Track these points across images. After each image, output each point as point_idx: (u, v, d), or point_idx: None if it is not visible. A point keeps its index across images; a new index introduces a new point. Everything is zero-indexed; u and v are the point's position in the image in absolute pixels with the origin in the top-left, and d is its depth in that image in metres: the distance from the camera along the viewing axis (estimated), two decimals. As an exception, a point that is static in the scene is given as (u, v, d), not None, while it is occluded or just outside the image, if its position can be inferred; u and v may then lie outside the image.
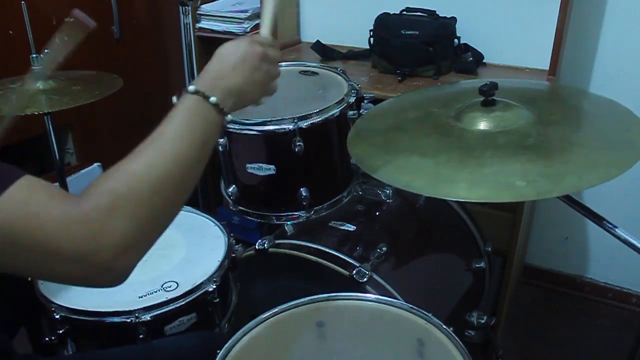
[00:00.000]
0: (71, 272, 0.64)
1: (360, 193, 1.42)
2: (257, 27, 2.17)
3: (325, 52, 2.07)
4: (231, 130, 1.22)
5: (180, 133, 0.74)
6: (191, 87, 0.78)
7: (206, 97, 0.77)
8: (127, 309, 1.10)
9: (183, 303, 1.15)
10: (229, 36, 2.19)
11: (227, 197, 1.34)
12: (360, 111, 1.31)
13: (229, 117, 0.80)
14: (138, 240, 0.67)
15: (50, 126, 1.61)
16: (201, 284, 1.18)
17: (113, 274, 0.66)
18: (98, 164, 2.23)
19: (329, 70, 1.45)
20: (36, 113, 1.43)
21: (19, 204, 0.62)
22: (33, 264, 0.64)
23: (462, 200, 0.90)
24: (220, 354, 0.94)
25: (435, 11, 1.90)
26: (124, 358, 1.04)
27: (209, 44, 2.30)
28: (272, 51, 0.87)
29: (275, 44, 0.89)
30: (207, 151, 0.76)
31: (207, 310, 1.20)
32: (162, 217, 0.71)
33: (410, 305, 1.03)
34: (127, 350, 1.06)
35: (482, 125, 1.02)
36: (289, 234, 1.40)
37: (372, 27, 1.95)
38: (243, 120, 1.21)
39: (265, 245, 1.32)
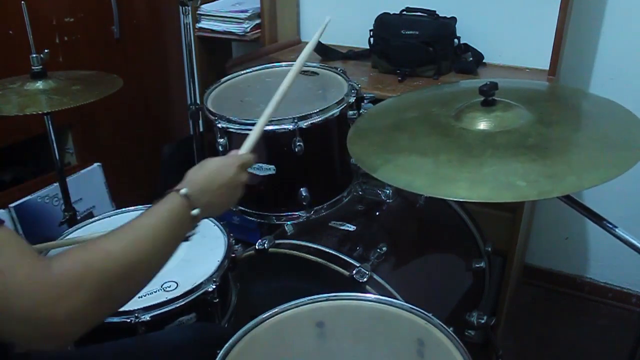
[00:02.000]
0: (16, 331, 0.64)
1: (360, 193, 1.42)
2: (257, 27, 2.17)
3: (325, 52, 2.07)
4: (231, 130, 1.22)
5: (159, 228, 0.78)
6: (183, 191, 0.84)
7: (191, 207, 0.83)
8: (126, 309, 1.10)
9: (183, 303, 1.15)
10: (229, 36, 2.19)
11: (227, 197, 1.34)
12: (360, 111, 1.31)
13: (195, 230, 0.87)
14: (93, 314, 0.68)
15: (50, 126, 1.61)
16: (201, 284, 1.18)
17: (58, 341, 0.67)
18: (98, 164, 2.23)
19: (329, 70, 1.45)
20: (36, 113, 1.43)
21: None
22: None
23: (462, 200, 0.90)
24: (220, 354, 0.94)
25: (435, 11, 1.90)
26: (121, 351, 1.04)
27: (209, 44, 2.30)
28: (249, 177, 0.96)
29: (253, 162, 0.98)
30: (173, 251, 0.81)
31: (207, 310, 1.20)
32: (121, 300, 0.75)
33: (410, 305, 1.03)
34: (124, 344, 1.06)
35: (482, 125, 1.02)
36: (289, 234, 1.40)
37: (372, 27, 1.95)
38: (243, 120, 1.21)
39: (265, 245, 1.32)
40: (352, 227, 1.40)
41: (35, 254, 0.66)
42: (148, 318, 1.10)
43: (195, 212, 0.83)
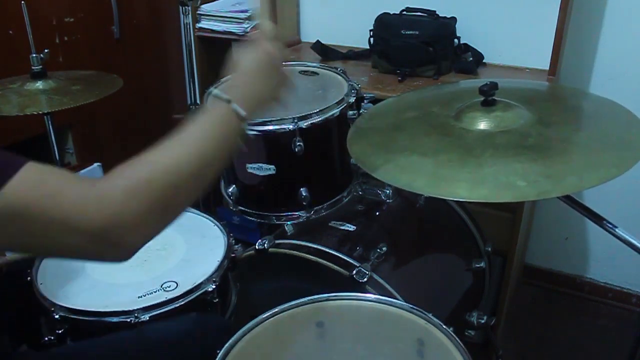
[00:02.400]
0: (82, 247, 0.67)
1: (360, 193, 1.42)
2: (257, 27, 2.17)
3: (325, 52, 2.07)
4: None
5: (204, 133, 0.78)
6: (215, 92, 0.82)
7: (229, 103, 0.81)
8: (126, 309, 1.10)
9: (182, 303, 1.14)
10: (229, 36, 2.19)
11: (227, 197, 1.34)
12: (360, 111, 1.31)
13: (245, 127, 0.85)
14: (149, 225, 0.70)
15: (50, 126, 1.61)
16: (200, 284, 1.18)
17: (121, 251, 0.69)
18: (98, 164, 2.22)
19: (329, 70, 1.45)
20: (36, 113, 1.43)
21: (31, 187, 0.64)
22: (46, 241, 0.66)
23: (463, 200, 0.90)
24: (220, 354, 0.94)
25: (435, 11, 1.90)
26: (117, 345, 1.04)
27: (209, 44, 2.30)
28: (279, 51, 0.91)
29: (280, 37, 0.93)
30: (226, 153, 0.81)
31: (207, 310, 1.20)
32: (175, 208, 0.75)
33: (410, 305, 1.03)
34: (120, 337, 1.07)
35: (482, 125, 1.02)
36: (289, 234, 1.40)
37: (372, 27, 1.95)
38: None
39: (265, 245, 1.31)
40: (352, 227, 1.40)
41: (79, 176, 0.70)
42: (148, 318, 1.10)
43: (235, 106, 0.81)
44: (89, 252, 0.69)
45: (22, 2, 1.45)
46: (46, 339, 1.13)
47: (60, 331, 1.11)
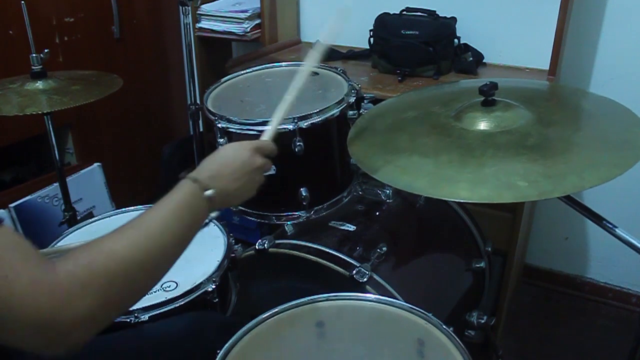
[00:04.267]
0: (24, 339, 0.63)
1: (360, 193, 1.42)
2: (257, 27, 2.17)
3: (325, 52, 2.07)
4: (231, 130, 1.22)
5: (166, 222, 0.74)
6: (192, 175, 0.81)
7: (203, 189, 0.80)
8: (126, 309, 1.10)
9: (182, 303, 1.14)
10: (229, 36, 2.19)
11: (227, 197, 1.34)
12: (360, 111, 1.31)
13: (212, 214, 0.83)
14: (99, 318, 0.67)
15: (50, 126, 1.61)
16: (200, 284, 1.18)
17: (65, 346, 0.65)
18: (98, 164, 2.23)
19: (329, 70, 1.45)
20: (36, 113, 1.43)
21: None
22: None
23: (463, 200, 0.90)
24: (220, 354, 0.94)
25: (435, 11, 1.90)
26: (116, 342, 1.04)
27: (209, 44, 2.30)
28: (268, 163, 0.93)
29: (274, 154, 0.95)
30: (186, 243, 0.77)
31: (207, 310, 1.20)
32: (129, 299, 0.72)
33: (410, 305, 1.03)
34: (118, 336, 1.06)
35: (482, 125, 1.02)
36: (289, 234, 1.40)
37: (372, 27, 1.95)
38: (243, 120, 1.21)
39: (265, 245, 1.31)
40: (352, 227, 1.40)
41: (38, 256, 0.64)
42: (147, 318, 1.10)
43: (208, 193, 0.80)
44: (30, 344, 0.64)
45: (22, 2, 1.45)
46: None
47: (60, 331, 1.11)
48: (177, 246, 0.76)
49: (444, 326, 0.98)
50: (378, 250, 1.31)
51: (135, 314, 1.09)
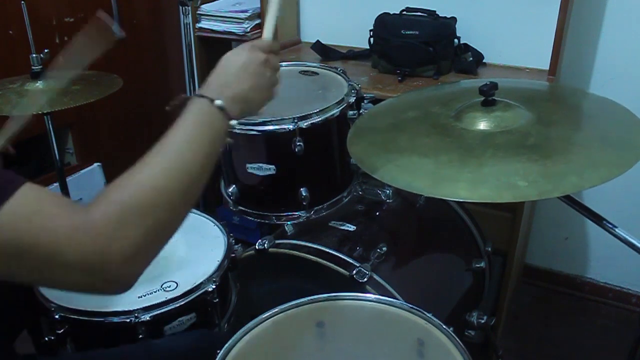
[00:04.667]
0: (79, 281, 0.65)
1: (360, 193, 1.42)
2: (257, 27, 2.17)
3: (325, 52, 2.07)
4: (231, 130, 1.22)
5: (187, 142, 0.74)
6: (198, 92, 0.79)
7: (212, 101, 0.78)
8: (126, 309, 1.10)
9: (182, 303, 1.14)
10: (229, 36, 2.19)
11: (227, 197, 1.34)
12: (360, 111, 1.31)
13: (234, 122, 0.81)
14: (145, 250, 0.68)
15: (50, 126, 1.61)
16: (200, 284, 1.18)
17: (120, 283, 0.67)
18: (98, 164, 2.23)
19: (329, 70, 1.45)
20: (36, 113, 1.43)
21: (25, 216, 0.61)
22: (41, 274, 0.64)
23: (463, 200, 0.90)
24: (220, 354, 0.94)
25: (435, 11, 1.90)
26: (123, 357, 1.04)
27: (209, 44, 2.30)
28: (272, 57, 0.88)
29: (276, 48, 0.90)
30: (212, 160, 0.77)
31: (207, 310, 1.20)
32: (168, 227, 0.72)
33: (410, 305, 1.03)
34: (126, 350, 1.06)
35: (482, 125, 1.02)
36: (289, 234, 1.40)
37: (372, 27, 1.95)
38: (243, 121, 1.21)
39: (265, 245, 1.32)
40: (352, 227, 1.40)
41: (71, 203, 0.66)
42: (148, 318, 1.10)
43: (219, 102, 0.77)
44: (86, 286, 0.66)
45: (22, 2, 1.45)
46: (46, 339, 1.13)
47: (60, 331, 1.11)
48: (203, 165, 0.75)
49: (444, 326, 0.98)
50: (378, 250, 1.31)
51: (136, 314, 1.09)
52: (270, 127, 1.20)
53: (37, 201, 0.63)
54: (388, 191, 1.48)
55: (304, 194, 1.25)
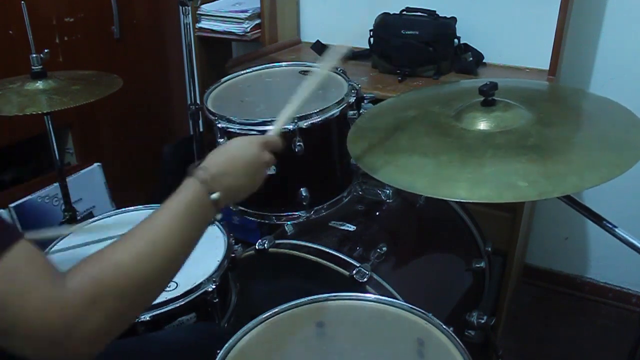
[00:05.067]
0: (36, 352, 0.63)
1: (360, 193, 1.42)
2: (257, 27, 2.17)
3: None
4: (231, 130, 1.22)
5: (174, 228, 0.73)
6: (199, 173, 0.78)
7: (209, 192, 0.78)
8: (126, 309, 1.10)
9: (182, 303, 1.15)
10: (229, 36, 2.19)
11: (227, 197, 1.34)
12: (360, 111, 1.31)
13: (217, 216, 0.82)
14: (110, 333, 0.67)
15: (50, 126, 1.61)
16: (200, 283, 1.18)
17: (76, 358, 0.66)
18: (98, 164, 2.23)
19: (329, 70, 1.45)
20: (36, 113, 1.43)
21: (7, 277, 0.61)
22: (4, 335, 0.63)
23: (463, 200, 0.90)
24: (220, 354, 0.94)
25: (435, 11, 1.90)
26: (122, 350, 1.04)
27: (209, 44, 2.30)
28: (273, 159, 0.91)
29: (279, 149, 0.93)
30: (193, 246, 0.77)
31: (207, 310, 1.20)
32: (138, 310, 0.73)
33: (410, 305, 1.03)
34: (125, 343, 1.06)
35: (482, 125, 1.02)
36: (289, 234, 1.40)
37: (372, 27, 1.95)
38: (243, 120, 1.21)
39: (265, 245, 1.31)
40: (352, 227, 1.40)
41: (52, 271, 0.64)
42: (148, 318, 1.10)
43: (214, 196, 0.77)
44: (43, 355, 0.64)
45: (22, 2, 1.45)
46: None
47: (60, 331, 1.11)
48: (184, 251, 0.75)
49: (444, 326, 0.98)
50: (378, 250, 1.31)
51: (135, 314, 1.09)
52: (270, 127, 1.19)
53: (21, 264, 0.62)
54: (388, 191, 1.47)
55: (304, 194, 1.25)
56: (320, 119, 1.22)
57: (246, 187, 0.87)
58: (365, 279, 1.21)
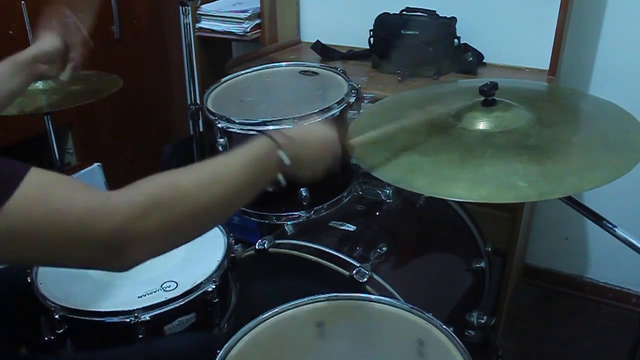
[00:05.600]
0: (85, 256, 0.65)
1: (360, 193, 1.42)
2: (257, 27, 2.17)
3: (325, 52, 2.07)
4: (231, 130, 1.22)
5: (240, 169, 0.76)
6: (272, 133, 0.82)
7: (278, 147, 0.81)
8: (126, 309, 1.10)
9: (182, 303, 1.14)
10: (229, 36, 2.19)
11: (227, 197, 1.34)
12: (360, 111, 1.31)
13: (281, 178, 0.83)
14: (158, 245, 0.69)
15: (50, 126, 1.61)
16: (200, 283, 1.18)
17: (125, 262, 0.68)
18: (98, 164, 2.23)
19: (329, 70, 1.45)
20: (36, 113, 1.43)
21: (38, 201, 0.61)
22: (48, 254, 0.64)
23: (463, 200, 0.90)
24: (220, 354, 0.94)
25: (435, 11, 1.90)
26: (124, 358, 1.04)
27: (209, 44, 2.30)
28: (338, 156, 0.93)
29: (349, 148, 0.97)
30: (254, 194, 0.79)
31: (207, 310, 1.20)
32: (188, 234, 0.73)
33: (410, 305, 1.03)
34: (127, 350, 1.06)
35: (482, 125, 1.02)
36: (289, 234, 1.40)
37: (372, 27, 1.95)
38: (243, 120, 1.21)
39: (265, 245, 1.31)
40: (352, 227, 1.40)
41: (90, 187, 0.66)
42: (148, 318, 1.10)
43: (282, 153, 0.80)
44: (92, 261, 0.67)
45: (22, 2, 1.45)
46: (46, 338, 1.13)
47: (60, 331, 1.11)
48: (243, 196, 0.77)
49: (444, 326, 0.98)
50: (378, 250, 1.31)
51: (135, 314, 1.09)
52: (270, 127, 1.20)
53: (47, 184, 0.63)
54: (388, 191, 1.47)
55: (304, 194, 1.25)
56: (320, 119, 1.22)
57: (312, 163, 0.88)
58: (365, 279, 1.21)
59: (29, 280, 1.18)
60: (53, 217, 0.61)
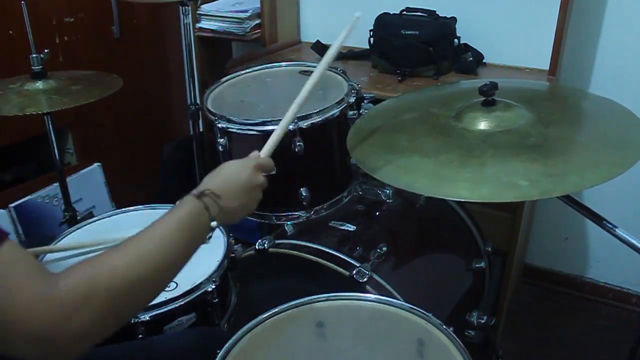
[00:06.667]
0: (25, 350, 0.64)
1: (360, 193, 1.42)
2: (257, 27, 2.17)
3: (325, 52, 2.07)
4: (231, 130, 1.22)
5: (169, 240, 0.76)
6: (195, 192, 0.82)
7: (207, 213, 0.81)
8: (126, 309, 1.10)
9: (182, 303, 1.14)
10: (229, 36, 2.19)
11: (227, 197, 1.34)
12: (360, 111, 1.31)
13: (211, 233, 0.84)
14: (98, 333, 0.68)
15: (50, 126, 1.61)
16: (200, 283, 1.18)
17: (65, 357, 0.66)
18: (98, 164, 2.23)
19: (329, 70, 1.45)
20: (36, 113, 1.43)
21: None
22: None
23: (464, 200, 0.90)
24: (220, 354, 0.94)
25: (435, 11, 1.90)
26: (123, 354, 1.04)
27: (209, 44, 2.30)
28: (266, 182, 0.93)
29: (271, 171, 0.95)
30: (186, 261, 0.79)
31: (207, 310, 1.20)
32: (127, 315, 0.74)
33: (410, 305, 1.03)
34: (126, 347, 1.06)
35: (483, 125, 1.02)
36: (289, 234, 1.40)
37: (372, 27, 1.95)
38: (243, 120, 1.21)
39: (265, 245, 1.31)
40: (352, 227, 1.40)
41: (42, 270, 0.65)
42: (147, 318, 1.10)
43: (213, 224, 0.82)
44: (31, 354, 0.65)
45: (22, 2, 1.45)
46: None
47: (60, 331, 1.11)
48: (178, 263, 0.78)
49: (444, 326, 0.98)
50: (378, 250, 1.31)
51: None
52: (270, 127, 1.19)
53: (9, 264, 0.63)
54: (388, 191, 1.47)
55: (304, 194, 1.25)
56: (320, 119, 1.22)
57: (240, 209, 0.89)
58: (365, 279, 1.21)
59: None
60: (2, 299, 0.61)
